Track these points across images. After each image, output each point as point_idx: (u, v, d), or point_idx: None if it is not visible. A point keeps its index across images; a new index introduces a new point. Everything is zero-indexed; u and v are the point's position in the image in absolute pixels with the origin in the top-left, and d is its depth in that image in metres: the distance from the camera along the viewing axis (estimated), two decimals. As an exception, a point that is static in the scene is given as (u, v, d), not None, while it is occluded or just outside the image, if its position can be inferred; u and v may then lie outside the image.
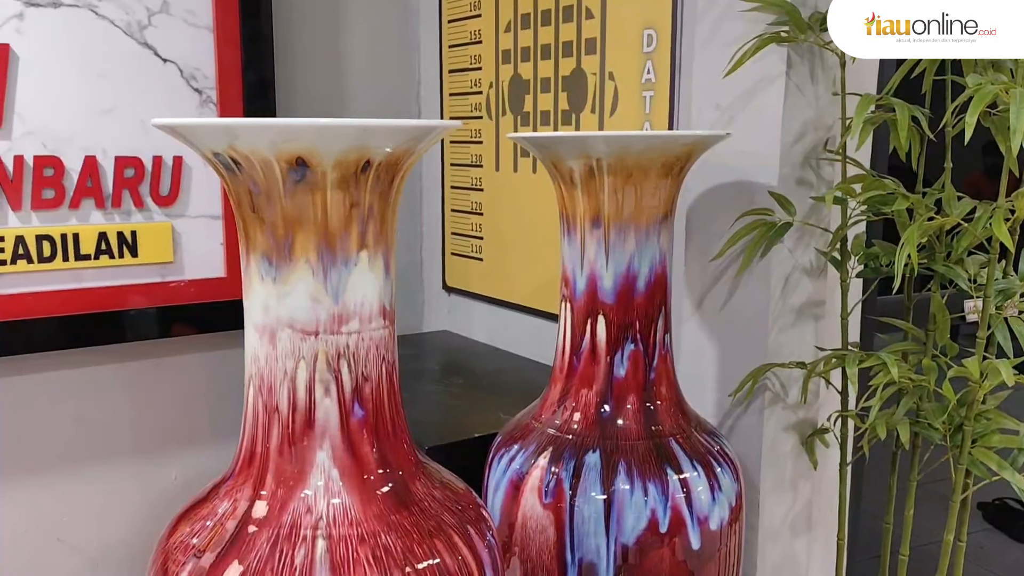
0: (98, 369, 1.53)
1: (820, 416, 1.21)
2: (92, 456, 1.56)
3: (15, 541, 1.52)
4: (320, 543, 0.72)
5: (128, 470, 1.58)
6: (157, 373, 1.58)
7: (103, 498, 1.57)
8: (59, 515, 1.54)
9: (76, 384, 1.51)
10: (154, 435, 1.60)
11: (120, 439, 1.58)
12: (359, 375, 0.75)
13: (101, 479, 1.56)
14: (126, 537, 1.59)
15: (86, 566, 1.58)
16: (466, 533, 0.80)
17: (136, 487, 1.58)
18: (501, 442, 1.08)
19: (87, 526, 1.56)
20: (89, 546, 1.57)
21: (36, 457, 1.51)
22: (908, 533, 1.09)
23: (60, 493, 1.54)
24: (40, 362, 1.46)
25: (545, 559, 0.99)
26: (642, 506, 0.96)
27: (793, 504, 1.20)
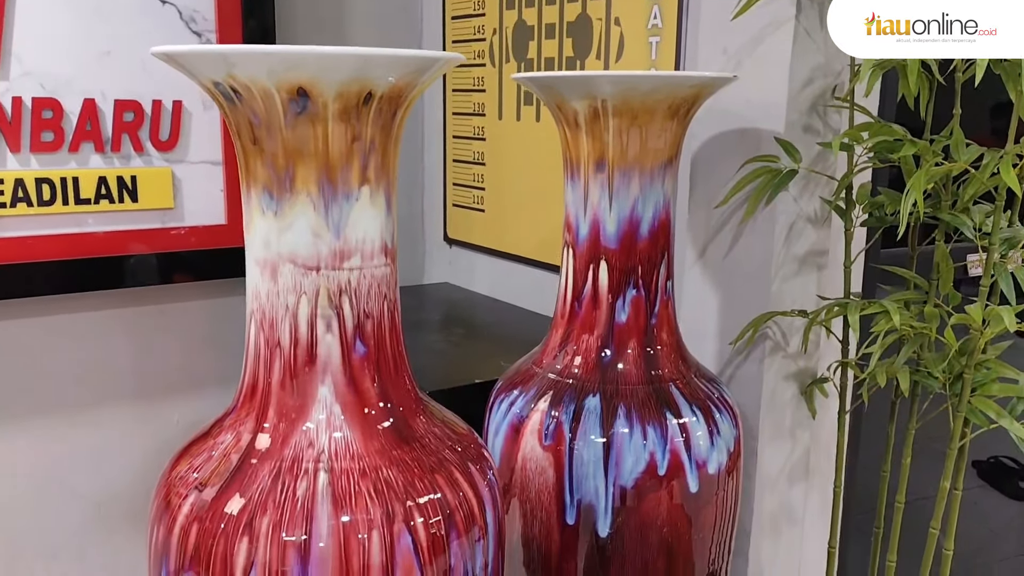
0: (100, 314, 1.53)
1: (820, 366, 1.21)
2: (94, 401, 1.57)
3: (17, 484, 1.53)
4: (322, 476, 0.72)
5: (130, 415, 1.59)
6: (159, 319, 1.58)
7: (105, 442, 1.58)
8: (61, 459, 1.55)
9: (78, 329, 1.52)
10: (156, 381, 1.60)
11: (122, 384, 1.58)
12: (361, 312, 0.75)
13: (103, 424, 1.57)
14: (128, 481, 1.60)
15: (89, 509, 1.59)
16: (467, 470, 0.80)
17: (138, 432, 1.59)
18: (501, 387, 1.09)
19: (89, 470, 1.58)
20: (92, 490, 1.59)
21: (38, 401, 1.52)
22: (905, 481, 1.10)
23: (62, 437, 1.55)
24: (41, 306, 1.46)
25: (544, 500, 1.00)
26: (641, 449, 0.97)
27: (791, 453, 1.21)
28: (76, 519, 1.59)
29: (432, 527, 0.75)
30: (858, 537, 1.40)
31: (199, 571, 0.72)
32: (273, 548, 0.70)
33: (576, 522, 0.99)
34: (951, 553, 1.08)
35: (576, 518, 0.99)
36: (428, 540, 0.74)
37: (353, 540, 0.71)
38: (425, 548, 0.74)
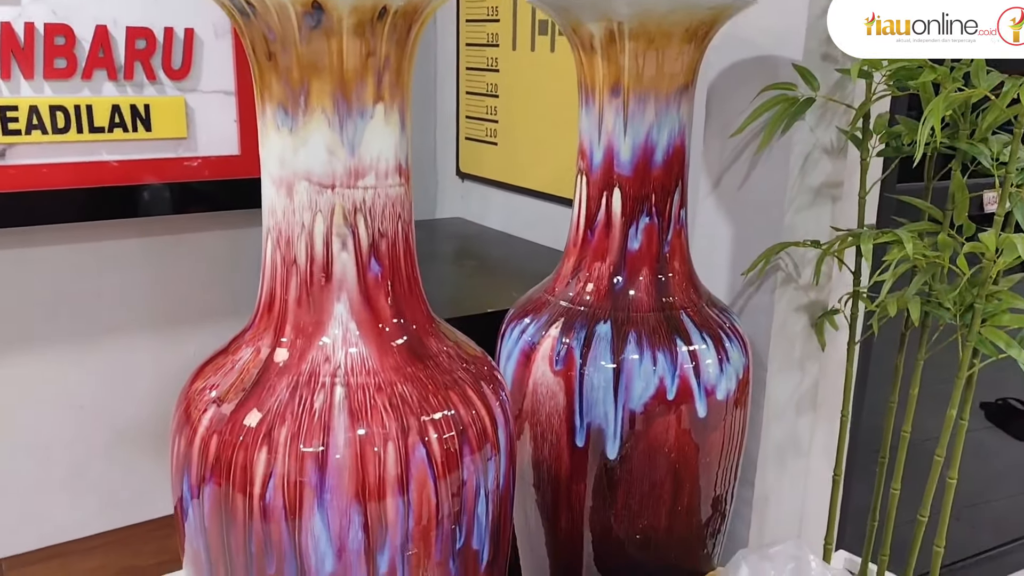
0: (116, 244, 1.54)
1: (831, 299, 1.22)
2: (112, 329, 1.60)
3: (40, 409, 1.57)
4: (338, 390, 0.74)
5: (148, 344, 1.62)
6: (175, 249, 1.59)
7: (124, 370, 1.61)
8: (81, 385, 1.59)
9: (95, 258, 1.53)
10: (173, 310, 1.62)
11: (140, 313, 1.60)
12: (375, 231, 0.76)
13: (121, 351, 1.60)
14: (148, 408, 1.64)
15: (110, 435, 1.63)
16: (480, 389, 0.82)
17: (156, 360, 1.62)
18: (514, 315, 1.10)
19: (109, 397, 1.61)
20: (112, 416, 1.62)
21: (57, 328, 1.55)
22: (911, 411, 1.11)
23: (81, 364, 1.58)
24: (58, 234, 1.48)
25: (555, 424, 1.02)
26: (651, 374, 0.98)
27: (800, 384, 1.22)
28: (98, 443, 1.63)
29: (446, 442, 0.76)
30: (863, 470, 1.42)
31: (220, 481, 0.74)
32: (291, 459, 0.72)
33: (585, 445, 1.01)
34: (955, 482, 1.10)
35: (585, 441, 1.01)
36: (442, 454, 0.76)
37: (369, 452, 0.72)
38: (439, 462, 0.76)
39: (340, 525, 0.73)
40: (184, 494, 0.78)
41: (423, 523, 0.76)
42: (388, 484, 0.73)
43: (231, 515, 0.74)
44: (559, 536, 1.09)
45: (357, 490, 0.72)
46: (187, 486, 0.77)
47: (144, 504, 1.71)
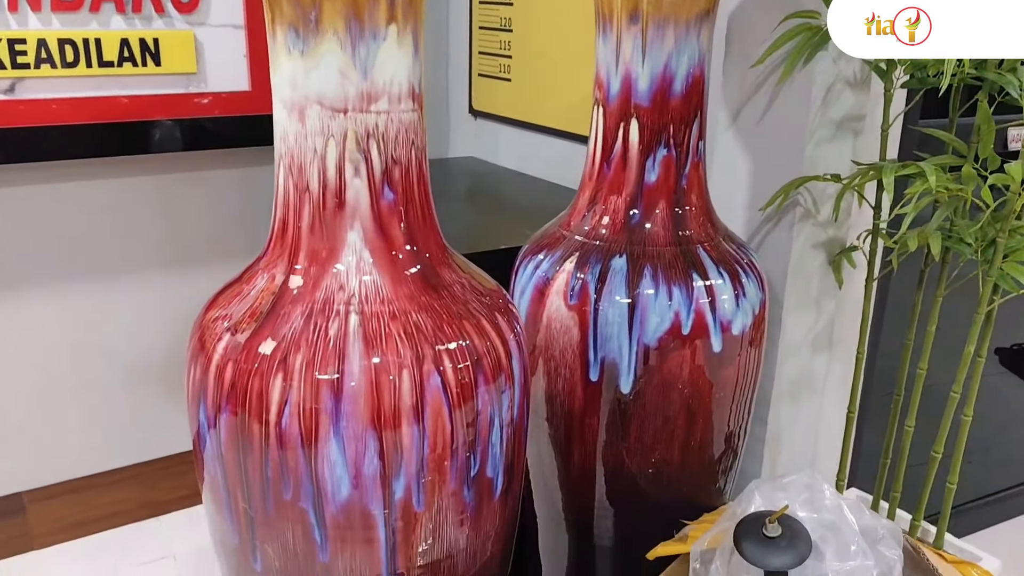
0: (128, 181, 1.54)
1: (850, 236, 1.20)
2: (125, 268, 1.60)
3: (55, 347, 1.58)
4: (353, 317, 0.74)
5: (162, 282, 1.62)
6: (187, 187, 1.59)
7: (139, 308, 1.62)
8: (95, 324, 1.60)
9: (107, 195, 1.53)
10: (186, 249, 1.62)
11: (153, 252, 1.61)
12: (389, 157, 0.75)
13: (136, 290, 1.61)
14: (162, 346, 1.65)
15: (125, 372, 1.65)
16: (495, 321, 0.81)
17: (170, 299, 1.63)
18: (528, 250, 1.09)
19: (124, 335, 1.62)
20: (127, 354, 1.64)
21: (72, 266, 1.55)
22: (928, 349, 1.10)
23: (97, 302, 1.59)
24: (69, 171, 1.47)
25: (568, 358, 1.02)
26: (666, 309, 0.97)
27: (815, 322, 1.21)
28: (114, 380, 1.65)
29: (460, 372, 0.76)
30: (875, 413, 1.42)
31: (236, 408, 0.74)
32: (307, 386, 0.72)
33: (599, 379, 1.01)
34: (969, 420, 1.09)
35: (599, 375, 1.01)
36: (457, 384, 0.76)
37: (384, 380, 0.72)
38: (454, 391, 0.76)
39: (356, 451, 0.73)
40: (201, 422, 0.78)
41: (438, 451, 0.76)
42: (403, 412, 0.74)
43: (247, 442, 0.74)
44: (572, 470, 1.09)
45: (372, 417, 0.73)
46: (203, 414, 0.77)
47: (161, 440, 1.73)
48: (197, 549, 1.56)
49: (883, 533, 0.75)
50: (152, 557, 1.56)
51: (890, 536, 0.76)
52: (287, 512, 0.75)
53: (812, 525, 0.76)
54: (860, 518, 0.76)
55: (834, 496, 0.77)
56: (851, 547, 0.74)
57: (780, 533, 0.75)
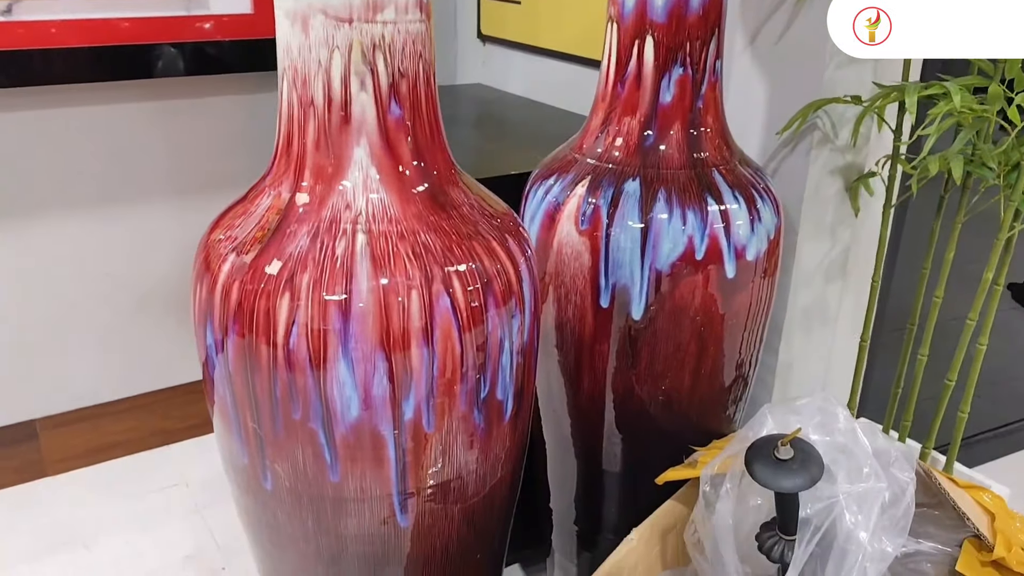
0: (130, 107, 1.51)
1: (868, 162, 1.17)
2: (130, 196, 1.58)
3: (63, 275, 1.58)
4: (360, 237, 0.72)
5: (166, 211, 1.61)
6: (190, 113, 1.56)
7: (144, 237, 1.61)
8: (101, 252, 1.59)
9: (109, 122, 1.51)
10: (190, 177, 1.61)
11: (157, 180, 1.59)
12: (395, 70, 0.72)
13: (141, 218, 1.59)
14: (170, 275, 1.64)
15: (133, 302, 1.65)
16: (505, 243, 0.80)
17: (175, 227, 1.62)
18: (538, 174, 1.06)
19: (131, 263, 1.62)
20: (135, 283, 1.64)
21: (75, 193, 1.54)
22: (945, 276, 1.08)
23: (102, 231, 1.58)
24: (69, 95, 1.45)
25: (579, 284, 1.00)
26: (679, 234, 0.95)
27: (830, 250, 1.19)
28: (123, 310, 1.65)
29: (471, 295, 0.75)
30: (887, 348, 1.40)
31: (243, 328, 0.73)
32: (314, 306, 0.71)
33: (610, 305, 1.00)
34: (984, 348, 1.08)
35: (610, 302, 0.99)
36: (466, 306, 0.75)
37: (393, 300, 0.71)
38: (464, 313, 0.75)
39: (365, 372, 0.72)
40: (208, 343, 0.77)
41: (447, 373, 0.75)
42: (412, 333, 0.73)
43: (255, 362, 0.74)
44: (581, 397, 1.09)
45: (381, 338, 0.72)
46: (210, 335, 0.76)
47: (171, 370, 1.74)
48: (209, 476, 1.58)
49: (896, 456, 0.75)
50: (165, 484, 1.58)
51: (903, 459, 0.75)
52: (296, 432, 0.75)
53: (824, 448, 0.76)
54: (873, 441, 0.76)
55: (847, 419, 0.76)
56: (863, 470, 0.74)
57: (792, 456, 0.74)
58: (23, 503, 1.51)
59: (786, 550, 0.78)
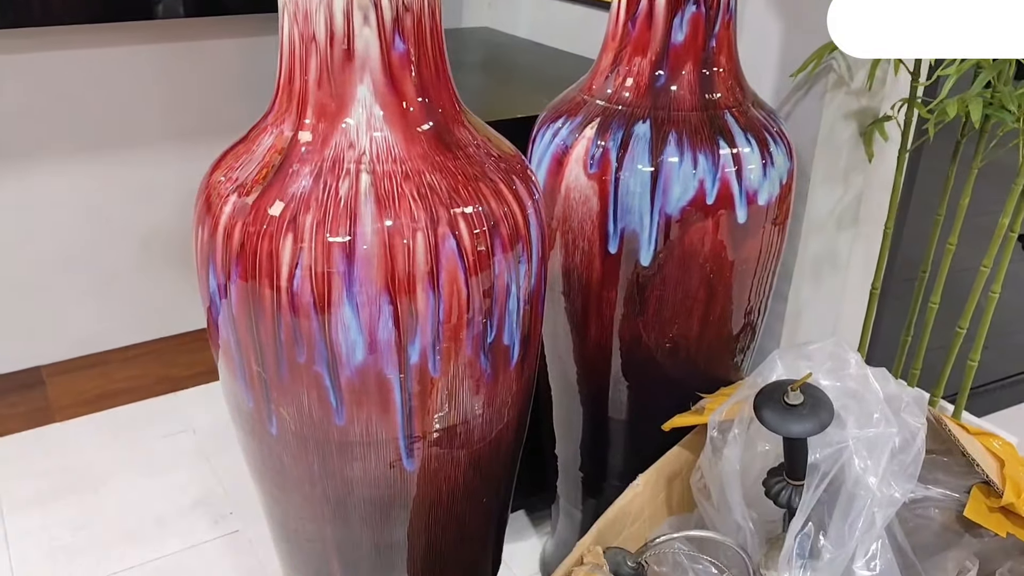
0: (130, 49, 1.48)
1: (883, 106, 1.15)
2: (131, 140, 1.56)
3: (65, 220, 1.56)
4: (364, 177, 0.70)
5: (168, 155, 1.59)
6: (190, 57, 1.53)
7: (145, 182, 1.59)
8: (103, 197, 1.57)
9: (108, 64, 1.48)
10: (191, 121, 1.58)
11: (158, 124, 1.57)
12: (400, 3, 0.69)
13: (142, 163, 1.58)
14: (172, 220, 1.63)
15: (136, 248, 1.64)
16: (512, 186, 0.78)
17: (176, 172, 1.60)
18: (546, 117, 1.04)
19: (132, 209, 1.60)
20: (137, 228, 1.62)
21: (75, 138, 1.52)
22: (959, 223, 1.07)
23: (103, 176, 1.56)
24: (68, 37, 1.42)
25: (587, 230, 0.99)
26: (690, 178, 0.93)
27: (843, 196, 1.17)
28: (126, 256, 1.64)
29: (477, 238, 0.74)
30: (897, 299, 1.39)
31: (246, 270, 0.72)
32: (318, 248, 0.69)
33: (618, 251, 0.98)
34: (996, 296, 1.07)
35: (619, 247, 0.98)
36: (473, 250, 0.73)
37: (398, 243, 0.70)
38: (470, 257, 0.73)
39: (370, 316, 0.71)
40: (211, 286, 0.76)
41: (453, 317, 0.74)
42: (418, 277, 0.71)
43: (259, 305, 0.72)
44: (587, 345, 1.08)
45: (386, 281, 0.70)
46: (213, 278, 0.75)
47: (176, 317, 1.74)
48: (216, 424, 1.59)
49: (907, 401, 0.74)
50: (172, 431, 1.59)
51: (914, 404, 0.74)
52: (301, 376, 0.74)
53: (835, 394, 0.75)
54: (885, 386, 0.75)
55: (859, 365, 0.75)
56: (874, 415, 0.73)
57: (802, 401, 0.73)
58: (32, 448, 1.53)
59: (793, 495, 0.77)
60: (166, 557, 1.32)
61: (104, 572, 1.29)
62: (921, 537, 0.85)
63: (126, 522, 1.38)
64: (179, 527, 1.38)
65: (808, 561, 0.75)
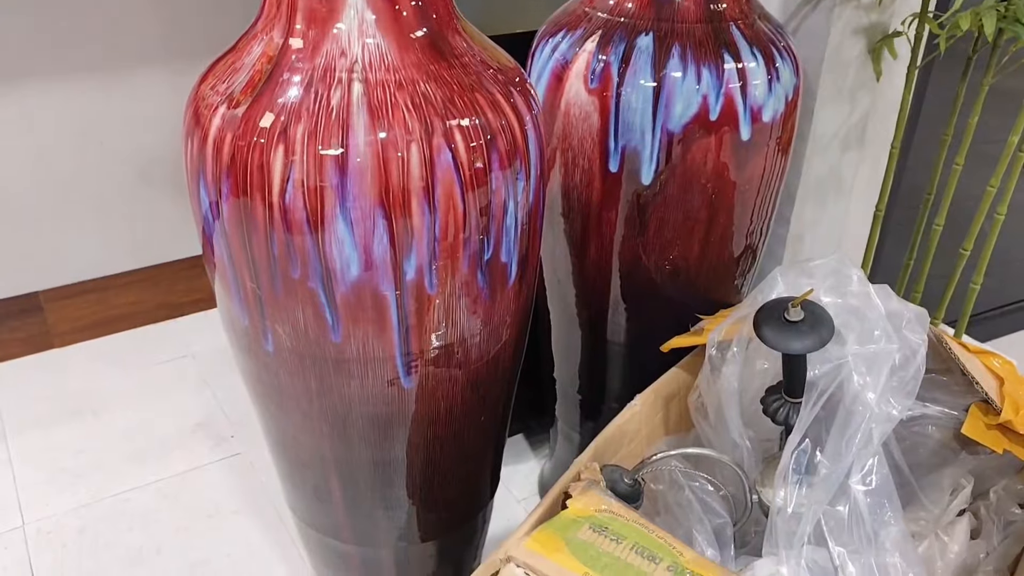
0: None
1: (893, 23, 1.11)
2: (124, 64, 1.53)
3: (61, 145, 1.54)
4: (356, 86, 0.68)
5: (162, 78, 1.55)
6: (178, -26, 1.48)
7: (141, 106, 1.56)
8: (98, 122, 1.55)
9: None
10: (185, 44, 1.54)
11: (151, 47, 1.53)
12: (392, -99, 0.66)
13: (136, 87, 1.54)
14: (166, 143, 1.60)
15: (132, 172, 1.61)
16: (510, 98, 0.76)
17: (174, 96, 1.56)
18: (545, 30, 1.01)
19: (128, 134, 1.57)
20: (133, 152, 1.60)
21: (67, 61, 1.48)
22: (967, 142, 1.05)
23: (97, 100, 1.53)
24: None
25: (587, 147, 0.97)
26: (693, 93, 0.91)
27: (849, 116, 1.15)
28: (122, 180, 1.62)
29: (473, 152, 0.72)
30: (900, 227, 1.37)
31: (237, 184, 0.70)
32: (310, 160, 0.68)
33: (619, 170, 0.96)
34: (1002, 218, 1.05)
35: (619, 166, 0.96)
36: (469, 164, 0.72)
37: (392, 155, 0.68)
38: (466, 171, 0.71)
39: (364, 231, 0.70)
40: (202, 201, 0.75)
41: (450, 232, 0.73)
42: (413, 191, 0.70)
43: (251, 220, 0.71)
44: (587, 267, 1.07)
45: (380, 195, 0.69)
46: (204, 192, 0.74)
47: (173, 243, 1.73)
48: (216, 349, 1.59)
49: (909, 317, 0.73)
50: (172, 356, 1.60)
51: (916, 320, 0.73)
52: (296, 292, 0.73)
53: (836, 311, 0.74)
54: (887, 303, 0.74)
55: (861, 281, 0.74)
56: (875, 332, 0.72)
57: (802, 318, 0.73)
58: (32, 373, 1.53)
59: (791, 413, 0.77)
60: (169, 479, 1.34)
61: (108, 493, 1.31)
62: (918, 455, 0.86)
63: (128, 445, 1.40)
64: (181, 450, 1.39)
65: (804, 477, 0.75)
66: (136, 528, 1.25)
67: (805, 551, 0.74)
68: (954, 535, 0.82)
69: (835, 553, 0.72)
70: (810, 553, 0.75)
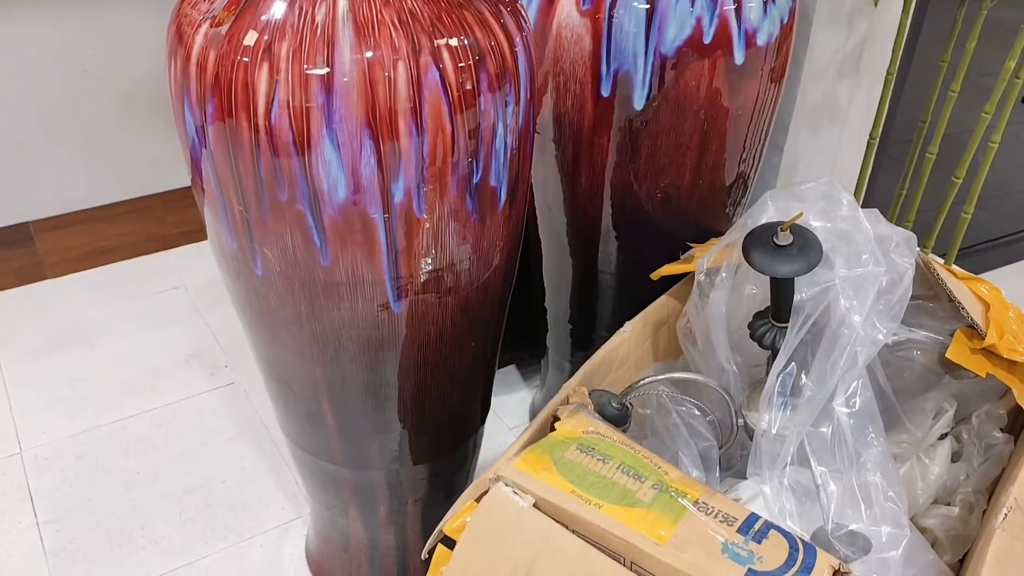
0: None
1: (894, -56, 1.09)
2: (105, -13, 1.49)
3: (43, 72, 1.51)
4: (341, 1, 0.67)
5: (150, 6, 1.52)
6: None
7: (126, 32, 1.53)
8: (86, 47, 1.51)
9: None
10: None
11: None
12: None
13: (121, 14, 1.51)
14: (152, 72, 1.58)
15: (119, 102, 1.59)
16: (500, 17, 0.74)
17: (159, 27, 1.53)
18: (537, -49, 0.98)
19: (113, 60, 1.54)
20: (119, 81, 1.57)
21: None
22: (963, 69, 1.03)
23: (81, 25, 1.49)
24: None
25: (579, 72, 0.95)
26: (687, 15, 0.89)
27: (845, 42, 1.13)
28: (108, 110, 1.59)
29: (462, 72, 0.70)
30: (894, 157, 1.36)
31: (221, 104, 0.69)
32: (295, 80, 0.67)
33: (611, 95, 0.95)
34: (996, 146, 1.05)
35: (611, 90, 0.95)
36: (458, 85, 0.70)
37: (379, 74, 0.67)
38: (455, 91, 0.70)
39: (351, 152, 0.69)
40: (187, 122, 0.74)
41: (438, 155, 0.72)
42: (400, 111, 0.69)
43: (236, 141, 0.70)
44: (578, 194, 1.07)
45: (367, 115, 0.68)
46: (188, 113, 0.73)
47: (163, 175, 1.71)
48: (208, 280, 1.59)
49: (897, 240, 0.73)
50: (165, 287, 1.60)
51: (904, 244, 0.74)
52: (284, 214, 0.73)
53: (825, 235, 0.74)
54: (876, 227, 0.74)
55: (851, 205, 0.74)
56: (863, 255, 0.72)
57: (791, 242, 0.73)
58: (26, 304, 1.53)
59: (778, 337, 0.78)
60: (163, 407, 1.35)
61: (103, 421, 1.32)
62: (902, 380, 0.87)
63: (123, 375, 1.41)
64: (175, 379, 1.40)
65: (788, 399, 0.76)
66: (132, 454, 1.27)
67: (788, 472, 0.75)
68: (935, 457, 0.83)
69: (817, 473, 0.73)
70: (793, 474, 0.76)
